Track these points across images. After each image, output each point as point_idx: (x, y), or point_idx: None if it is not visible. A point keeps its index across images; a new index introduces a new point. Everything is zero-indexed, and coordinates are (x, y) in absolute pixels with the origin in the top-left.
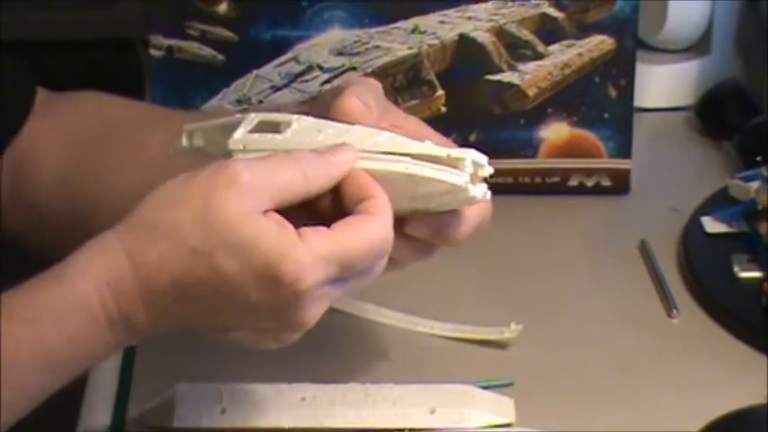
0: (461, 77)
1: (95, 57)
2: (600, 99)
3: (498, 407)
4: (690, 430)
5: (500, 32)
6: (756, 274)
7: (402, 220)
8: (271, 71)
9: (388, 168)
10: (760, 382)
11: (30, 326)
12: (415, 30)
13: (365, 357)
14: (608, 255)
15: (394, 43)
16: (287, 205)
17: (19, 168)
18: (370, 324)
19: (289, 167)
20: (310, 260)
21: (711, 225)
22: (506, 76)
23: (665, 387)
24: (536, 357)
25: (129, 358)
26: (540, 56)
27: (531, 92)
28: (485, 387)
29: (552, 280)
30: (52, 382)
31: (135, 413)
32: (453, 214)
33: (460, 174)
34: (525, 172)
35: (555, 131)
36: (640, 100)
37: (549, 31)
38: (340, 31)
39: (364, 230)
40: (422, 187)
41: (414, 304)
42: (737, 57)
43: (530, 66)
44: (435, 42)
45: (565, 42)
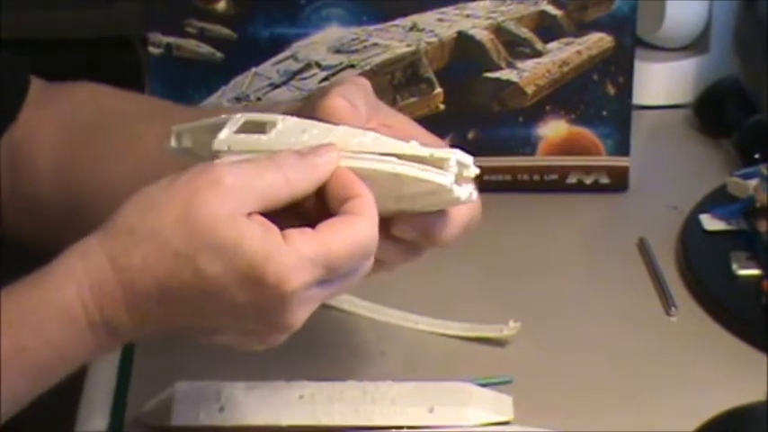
0: (460, 75)
1: (95, 55)
2: (598, 97)
3: (497, 405)
4: (688, 428)
5: (498, 30)
6: (755, 272)
7: (388, 222)
8: (269, 69)
9: (373, 167)
10: (759, 380)
11: (9, 330)
12: (414, 27)
13: (363, 355)
14: (606, 252)
15: (392, 41)
16: (271, 208)
17: (16, 157)
18: (368, 322)
19: (272, 171)
20: (295, 262)
21: (710, 223)
22: (505, 74)
23: (664, 385)
24: (534, 355)
25: (128, 357)
26: (539, 53)
27: (530, 89)
28: (483, 385)
29: (551, 277)
30: (32, 387)
31: (133, 412)
32: (439, 215)
33: (446, 174)
34: (523, 169)
35: (553, 129)
36: (639, 98)
37: (548, 29)
38: (338, 29)
39: (349, 231)
40: (407, 187)
41: (412, 302)
42: (736, 54)
43: (528, 63)
44: (434, 40)
45: (563, 40)
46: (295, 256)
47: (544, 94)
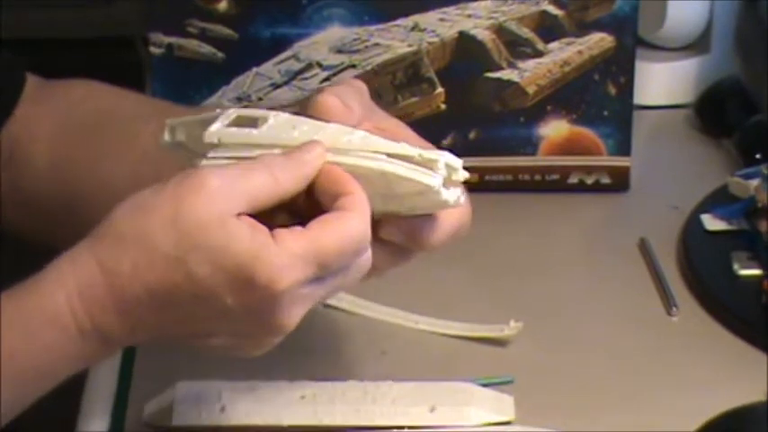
0: (461, 75)
1: (95, 55)
2: (599, 97)
3: (498, 405)
4: (689, 428)
5: (500, 30)
6: (756, 272)
7: (376, 224)
8: (270, 69)
9: (362, 164)
10: (760, 380)
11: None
12: (415, 27)
13: (365, 355)
14: (608, 252)
15: (394, 41)
16: (260, 208)
17: (14, 152)
18: (369, 322)
19: (259, 171)
20: (285, 260)
21: (711, 223)
22: (506, 74)
23: (665, 385)
24: (536, 355)
25: (129, 357)
26: (540, 53)
27: (531, 89)
28: (484, 385)
29: (552, 277)
30: (24, 396)
31: (134, 413)
32: (428, 219)
33: (434, 175)
34: (525, 169)
35: (554, 129)
36: (640, 98)
37: (549, 29)
38: (340, 29)
39: (340, 226)
40: (395, 186)
41: (413, 302)
42: (737, 54)
43: (529, 63)
44: (435, 40)
45: (564, 40)
46: (285, 255)
47: (545, 94)
